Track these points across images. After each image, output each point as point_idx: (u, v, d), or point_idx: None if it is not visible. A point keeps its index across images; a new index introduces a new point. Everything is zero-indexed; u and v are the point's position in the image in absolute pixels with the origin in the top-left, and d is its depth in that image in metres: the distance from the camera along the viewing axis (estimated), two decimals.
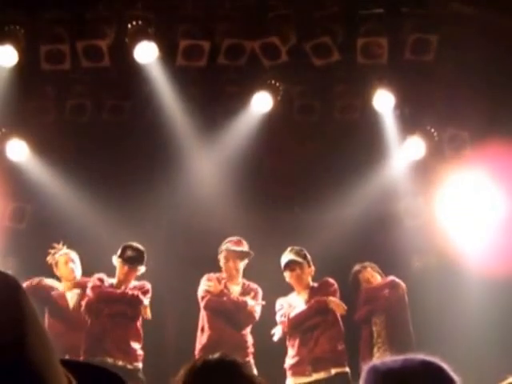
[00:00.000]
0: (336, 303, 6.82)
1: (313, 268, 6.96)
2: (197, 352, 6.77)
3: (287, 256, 6.91)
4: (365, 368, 1.86)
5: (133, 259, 6.81)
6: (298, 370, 6.77)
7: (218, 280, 6.99)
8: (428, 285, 8.25)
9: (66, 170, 8.10)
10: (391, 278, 7.46)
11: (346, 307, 6.86)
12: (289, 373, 6.82)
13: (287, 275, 6.93)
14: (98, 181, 8.07)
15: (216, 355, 2.44)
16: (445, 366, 1.85)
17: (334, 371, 6.67)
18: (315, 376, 6.70)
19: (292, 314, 6.85)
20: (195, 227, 8.46)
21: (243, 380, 2.37)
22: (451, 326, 7.91)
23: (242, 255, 7.00)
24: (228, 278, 7.01)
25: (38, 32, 7.35)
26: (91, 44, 7.22)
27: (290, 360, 6.84)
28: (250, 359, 6.65)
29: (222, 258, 7.02)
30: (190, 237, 8.50)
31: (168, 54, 7.51)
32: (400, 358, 1.85)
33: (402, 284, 7.39)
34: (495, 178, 7.84)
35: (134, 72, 7.71)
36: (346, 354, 6.86)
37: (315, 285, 6.98)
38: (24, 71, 7.52)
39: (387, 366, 1.82)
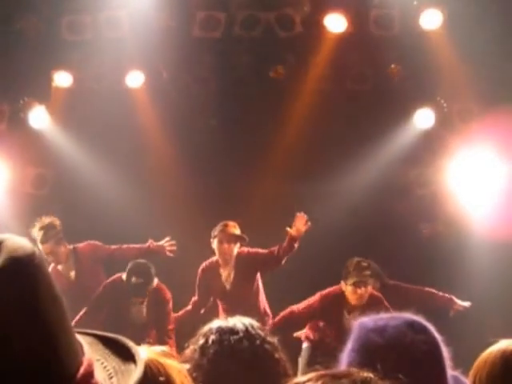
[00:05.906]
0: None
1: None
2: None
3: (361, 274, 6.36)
4: (355, 324, 1.99)
5: (138, 287, 6.62)
6: None
7: (211, 269, 6.89)
8: (437, 252, 8.34)
9: (84, 137, 8.23)
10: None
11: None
12: None
13: (350, 289, 6.37)
14: (115, 147, 8.22)
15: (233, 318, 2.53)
16: (429, 325, 1.96)
17: None
18: None
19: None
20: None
21: (257, 337, 2.47)
22: (461, 291, 8.00)
23: (235, 239, 6.79)
24: (222, 263, 6.87)
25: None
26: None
27: None
28: None
29: (215, 241, 6.77)
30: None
31: (185, 25, 7.67)
32: (387, 315, 1.99)
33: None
34: (502, 147, 7.93)
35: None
36: None
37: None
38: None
39: (373, 323, 1.94)
